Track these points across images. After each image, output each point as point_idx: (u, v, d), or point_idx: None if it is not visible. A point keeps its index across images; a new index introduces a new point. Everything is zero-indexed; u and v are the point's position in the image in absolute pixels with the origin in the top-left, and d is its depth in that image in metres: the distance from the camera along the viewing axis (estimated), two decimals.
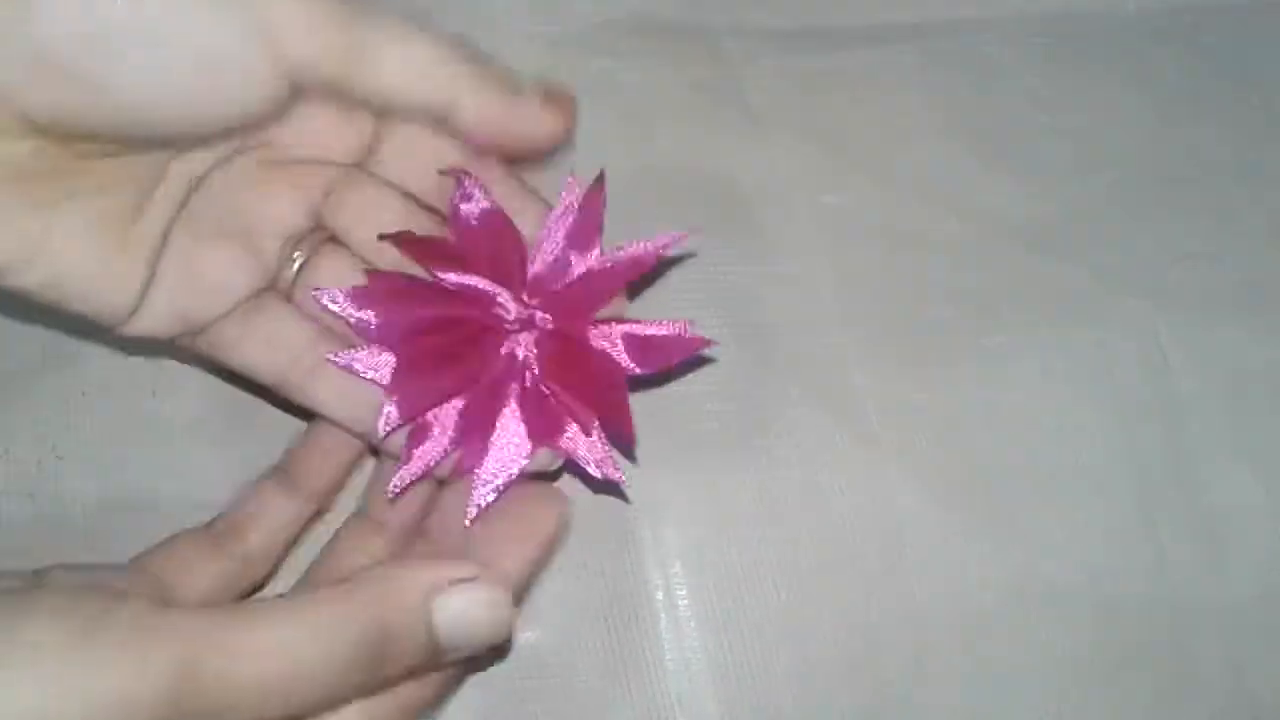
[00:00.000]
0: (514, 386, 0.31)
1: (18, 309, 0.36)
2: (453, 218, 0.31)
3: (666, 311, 0.38)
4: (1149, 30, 0.45)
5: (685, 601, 0.36)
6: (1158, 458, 0.39)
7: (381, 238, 0.30)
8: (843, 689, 0.36)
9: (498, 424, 0.31)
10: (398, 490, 0.30)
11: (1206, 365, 0.40)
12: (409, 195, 0.32)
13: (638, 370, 0.31)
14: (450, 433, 0.31)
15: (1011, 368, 0.40)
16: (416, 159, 0.31)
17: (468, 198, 0.30)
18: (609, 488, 0.32)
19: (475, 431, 0.31)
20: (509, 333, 0.31)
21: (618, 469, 0.31)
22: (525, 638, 0.35)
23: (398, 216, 0.31)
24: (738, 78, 0.43)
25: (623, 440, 0.31)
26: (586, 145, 0.40)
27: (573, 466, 0.32)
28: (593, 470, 0.31)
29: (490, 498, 0.30)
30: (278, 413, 0.36)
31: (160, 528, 0.34)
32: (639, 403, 0.37)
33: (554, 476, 0.33)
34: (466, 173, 0.30)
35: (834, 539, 0.37)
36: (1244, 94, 0.45)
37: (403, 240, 0.30)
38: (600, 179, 0.31)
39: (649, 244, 0.31)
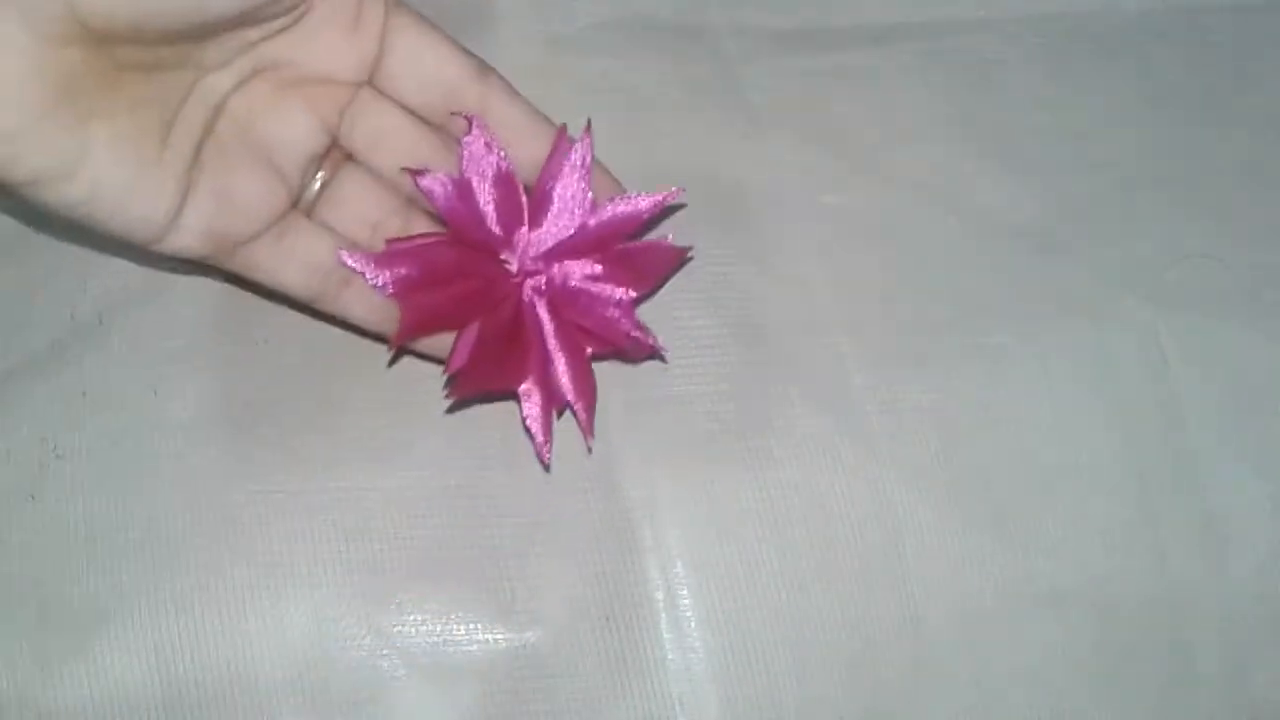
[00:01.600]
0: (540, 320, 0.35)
1: (56, 227, 0.37)
2: (464, 163, 0.33)
3: (666, 312, 0.38)
4: (1149, 29, 0.45)
5: (686, 601, 0.36)
6: (1157, 458, 0.39)
7: (404, 170, 0.33)
8: (843, 689, 0.36)
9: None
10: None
11: (1206, 365, 0.40)
12: (415, 113, 0.34)
13: (636, 294, 0.35)
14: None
15: (1011, 368, 0.40)
16: (421, 72, 0.33)
17: (476, 149, 0.33)
18: (652, 354, 0.36)
19: (495, 357, 0.34)
20: (515, 281, 0.34)
21: (647, 334, 0.35)
22: (526, 637, 0.35)
23: (409, 139, 0.33)
24: (738, 78, 0.43)
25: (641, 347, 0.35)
26: None
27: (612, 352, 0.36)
28: (637, 346, 0.35)
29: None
30: (282, 413, 0.36)
31: (161, 531, 0.34)
32: (636, 403, 0.37)
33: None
34: (473, 120, 0.33)
35: (834, 539, 0.37)
36: (1244, 94, 0.45)
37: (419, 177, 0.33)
38: (588, 129, 0.34)
39: (643, 200, 0.34)
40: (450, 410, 0.36)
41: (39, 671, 0.33)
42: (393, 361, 0.36)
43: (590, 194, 0.34)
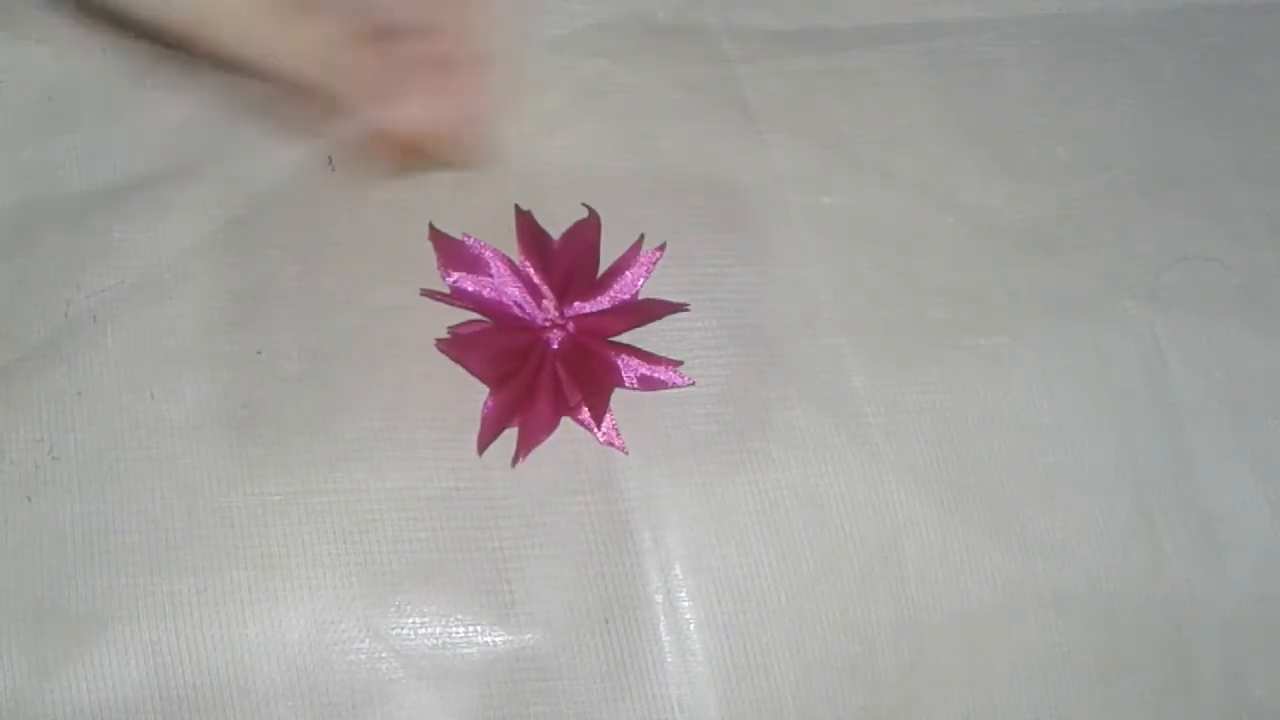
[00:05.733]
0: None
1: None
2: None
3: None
4: (1148, 30, 0.45)
5: (686, 604, 0.36)
6: (1156, 458, 0.39)
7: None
8: (842, 691, 0.36)
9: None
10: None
11: (1204, 366, 0.40)
12: None
13: (635, 387, 0.37)
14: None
15: (1010, 368, 0.40)
16: None
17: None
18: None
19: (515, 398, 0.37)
20: (543, 329, 0.37)
21: (620, 437, 0.37)
22: (526, 640, 0.35)
23: None
24: (736, 78, 0.43)
25: (593, 418, 0.37)
26: (585, 146, 0.41)
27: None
28: (598, 436, 0.37)
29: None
30: (280, 414, 0.36)
31: (158, 533, 0.34)
32: (636, 404, 0.37)
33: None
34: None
35: (833, 541, 0.37)
36: (1244, 94, 0.45)
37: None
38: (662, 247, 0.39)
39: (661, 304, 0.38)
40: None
41: (35, 675, 0.33)
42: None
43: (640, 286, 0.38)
